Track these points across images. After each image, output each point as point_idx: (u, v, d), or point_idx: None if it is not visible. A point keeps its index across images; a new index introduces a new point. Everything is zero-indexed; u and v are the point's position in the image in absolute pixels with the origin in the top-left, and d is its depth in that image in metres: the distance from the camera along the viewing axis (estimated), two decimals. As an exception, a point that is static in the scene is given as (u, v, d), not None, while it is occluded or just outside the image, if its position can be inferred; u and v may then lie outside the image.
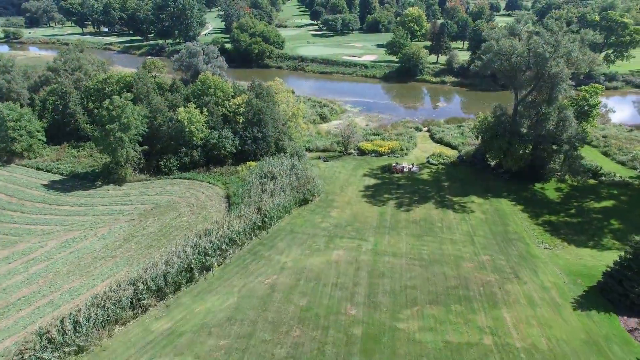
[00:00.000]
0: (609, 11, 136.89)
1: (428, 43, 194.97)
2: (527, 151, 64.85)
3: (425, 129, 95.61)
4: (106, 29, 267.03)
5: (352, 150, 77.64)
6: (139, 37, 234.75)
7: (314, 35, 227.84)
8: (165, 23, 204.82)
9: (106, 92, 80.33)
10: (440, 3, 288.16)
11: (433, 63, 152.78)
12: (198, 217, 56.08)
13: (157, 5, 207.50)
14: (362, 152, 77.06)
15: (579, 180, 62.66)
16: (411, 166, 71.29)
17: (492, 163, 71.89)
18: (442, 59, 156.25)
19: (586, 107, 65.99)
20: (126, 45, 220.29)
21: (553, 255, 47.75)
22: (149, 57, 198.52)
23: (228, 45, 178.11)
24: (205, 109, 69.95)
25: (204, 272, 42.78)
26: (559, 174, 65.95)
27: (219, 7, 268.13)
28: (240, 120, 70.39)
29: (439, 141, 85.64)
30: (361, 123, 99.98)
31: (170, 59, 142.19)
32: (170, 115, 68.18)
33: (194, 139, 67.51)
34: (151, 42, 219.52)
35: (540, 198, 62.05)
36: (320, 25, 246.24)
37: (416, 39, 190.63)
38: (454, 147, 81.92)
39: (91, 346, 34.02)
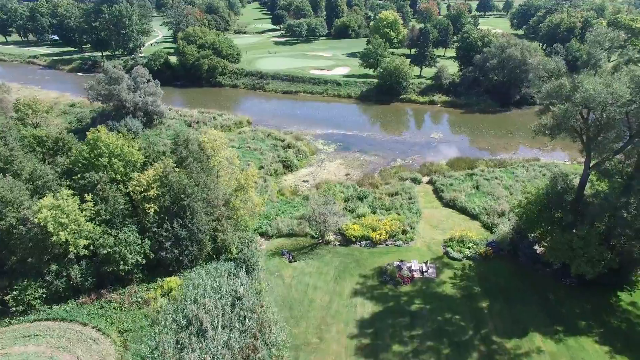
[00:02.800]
0: (619, 15, 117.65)
1: (406, 51, 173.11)
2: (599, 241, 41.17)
3: (426, 179, 71.36)
4: (35, 38, 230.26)
5: (331, 237, 52.11)
6: (72, 49, 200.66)
7: (276, 43, 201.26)
8: (101, 32, 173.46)
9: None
10: (412, 5, 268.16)
11: (417, 76, 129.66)
12: None
13: (88, 12, 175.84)
14: (346, 239, 51.63)
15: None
16: (423, 266, 46.58)
17: (539, 248, 48.39)
18: (426, 71, 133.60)
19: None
20: (54, 58, 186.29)
21: None
22: (79, 73, 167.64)
23: (173, 59, 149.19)
24: (90, 195, 42.63)
25: None
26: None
27: (164, 14, 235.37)
28: (152, 211, 43.40)
29: (451, 205, 61.32)
30: (339, 171, 74.85)
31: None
32: (28, 211, 40.46)
33: (71, 248, 40.21)
34: (86, 54, 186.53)
35: (640, 329, 38.68)
36: (284, 32, 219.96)
37: (393, 47, 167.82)
38: (474, 217, 57.95)
39: None
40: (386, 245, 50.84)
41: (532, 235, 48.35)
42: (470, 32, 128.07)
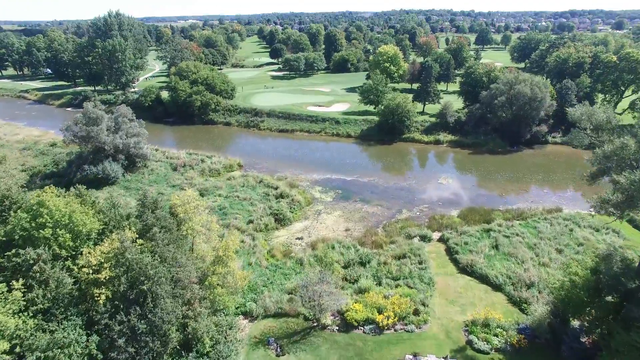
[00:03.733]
0: (629, 50, 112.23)
1: (407, 85, 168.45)
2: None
3: (437, 235, 62.70)
4: (30, 72, 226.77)
5: (328, 319, 42.91)
6: (65, 83, 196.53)
7: (274, 77, 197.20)
8: (94, 67, 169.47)
9: None
10: (411, 39, 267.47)
11: (420, 113, 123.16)
12: None
13: (81, 46, 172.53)
14: (346, 323, 42.41)
15: None
16: (444, 363, 37.30)
17: (586, 339, 39.22)
18: (430, 107, 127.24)
19: None
20: (46, 92, 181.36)
21: None
22: (69, 108, 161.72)
23: (165, 95, 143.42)
24: (22, 280, 33.84)
25: None
26: None
27: (159, 49, 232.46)
28: (102, 299, 34.49)
29: (468, 271, 52.35)
30: (337, 226, 66.23)
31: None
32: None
33: (-10, 354, 31.11)
34: (78, 88, 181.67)
35: None
36: (282, 66, 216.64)
37: (393, 81, 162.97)
38: (497, 288, 48.95)
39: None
40: (395, 330, 41.54)
41: (576, 320, 39.34)
42: (475, 67, 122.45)
